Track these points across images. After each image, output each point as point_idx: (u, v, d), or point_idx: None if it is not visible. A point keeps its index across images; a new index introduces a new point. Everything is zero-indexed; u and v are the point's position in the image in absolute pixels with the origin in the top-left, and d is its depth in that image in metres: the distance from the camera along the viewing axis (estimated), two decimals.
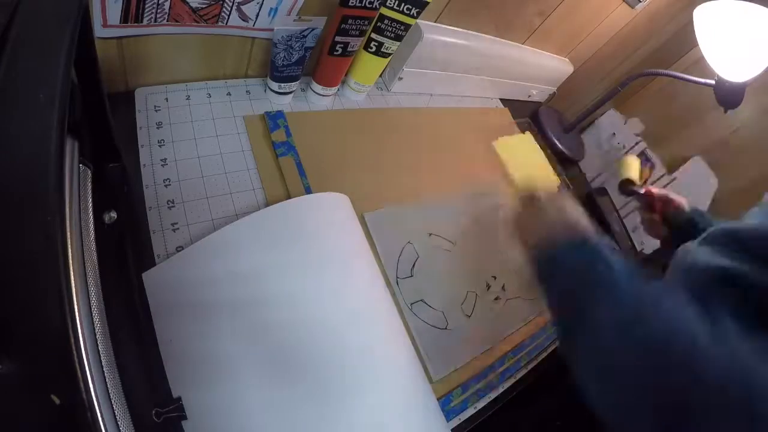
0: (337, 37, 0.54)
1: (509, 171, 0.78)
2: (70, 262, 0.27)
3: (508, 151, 0.81)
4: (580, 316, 0.36)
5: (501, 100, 0.92)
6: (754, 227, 0.37)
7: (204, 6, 0.45)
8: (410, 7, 0.56)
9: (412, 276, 0.55)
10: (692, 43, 0.73)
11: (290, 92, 0.60)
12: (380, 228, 0.56)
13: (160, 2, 0.42)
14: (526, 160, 0.84)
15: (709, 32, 0.67)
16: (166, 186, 0.48)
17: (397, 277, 0.54)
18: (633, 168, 0.73)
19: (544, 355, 0.61)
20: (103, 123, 0.38)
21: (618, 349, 0.32)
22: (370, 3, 0.52)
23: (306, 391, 0.40)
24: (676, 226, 0.63)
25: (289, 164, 0.55)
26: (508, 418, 0.54)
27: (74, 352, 0.20)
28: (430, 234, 0.60)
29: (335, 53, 0.56)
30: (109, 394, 0.30)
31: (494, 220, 0.66)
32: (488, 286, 0.61)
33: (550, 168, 0.87)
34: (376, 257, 0.53)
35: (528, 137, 0.89)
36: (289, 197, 0.51)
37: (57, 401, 0.19)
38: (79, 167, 0.35)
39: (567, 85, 1.00)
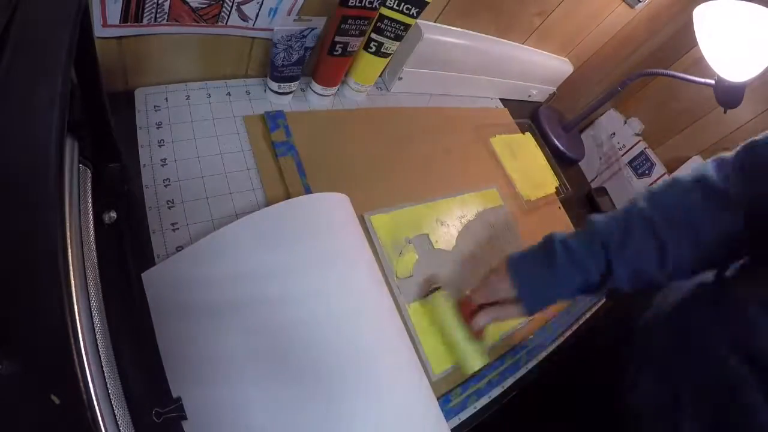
0: (336, 37, 0.54)
1: (507, 171, 0.78)
2: (70, 261, 0.28)
3: (506, 151, 0.81)
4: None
5: (501, 100, 0.92)
6: None
7: (204, 6, 0.45)
8: (410, 7, 0.56)
9: (412, 276, 0.55)
10: (692, 43, 0.73)
11: (290, 92, 0.60)
12: (380, 228, 0.56)
13: (159, 2, 0.42)
14: (525, 160, 0.84)
15: (709, 32, 0.67)
16: (165, 186, 0.48)
17: (397, 277, 0.54)
18: (445, 307, 0.52)
19: (544, 354, 0.61)
20: (103, 123, 0.38)
21: None
22: (369, 3, 0.52)
23: (305, 391, 0.40)
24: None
25: (288, 164, 0.55)
26: (508, 417, 0.54)
27: (74, 352, 0.20)
28: (431, 234, 0.60)
29: (335, 53, 0.56)
30: (109, 394, 0.30)
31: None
32: None
33: (549, 169, 0.87)
34: (376, 257, 0.53)
35: (528, 138, 0.89)
36: (288, 197, 0.51)
37: (57, 401, 0.19)
38: (79, 167, 0.35)
39: (567, 85, 1.00)
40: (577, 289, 0.47)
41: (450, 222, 0.63)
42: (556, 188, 0.85)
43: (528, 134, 0.89)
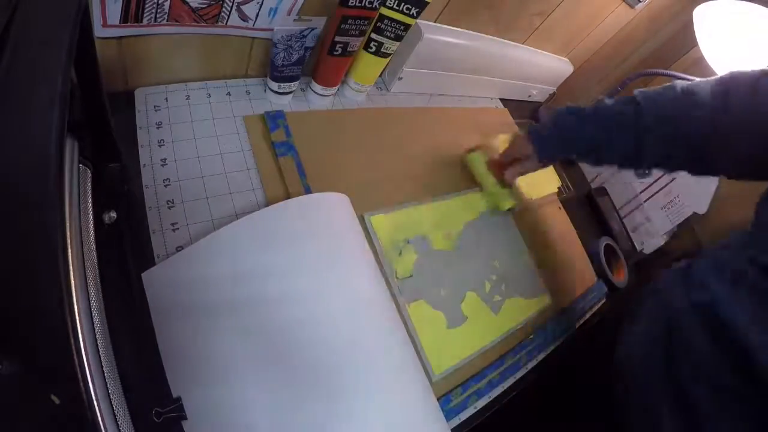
0: (336, 37, 0.54)
1: None
2: (70, 262, 0.28)
3: None
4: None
5: (501, 100, 0.92)
6: None
7: (204, 6, 0.45)
8: (410, 7, 0.55)
9: (411, 276, 0.55)
10: (692, 43, 0.73)
11: (290, 92, 0.60)
12: (380, 228, 0.56)
13: (159, 2, 0.42)
14: None
15: (709, 32, 0.67)
16: (165, 186, 0.48)
17: (397, 277, 0.54)
18: (480, 163, 0.69)
19: (544, 354, 0.61)
20: (103, 123, 0.38)
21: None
22: (370, 3, 0.52)
23: (305, 391, 0.40)
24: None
25: (288, 164, 0.55)
26: (508, 417, 0.54)
27: (74, 352, 0.20)
28: (430, 234, 0.60)
29: (335, 53, 0.56)
30: (109, 394, 0.30)
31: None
32: (488, 286, 0.61)
33: (552, 169, 0.87)
34: (376, 257, 0.53)
35: None
36: (289, 197, 0.51)
37: (57, 401, 0.19)
38: (79, 167, 0.35)
39: (567, 85, 0.99)
40: (577, 149, 0.59)
41: (450, 222, 0.63)
42: (558, 188, 0.85)
43: None
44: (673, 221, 0.93)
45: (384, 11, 0.56)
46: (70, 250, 0.28)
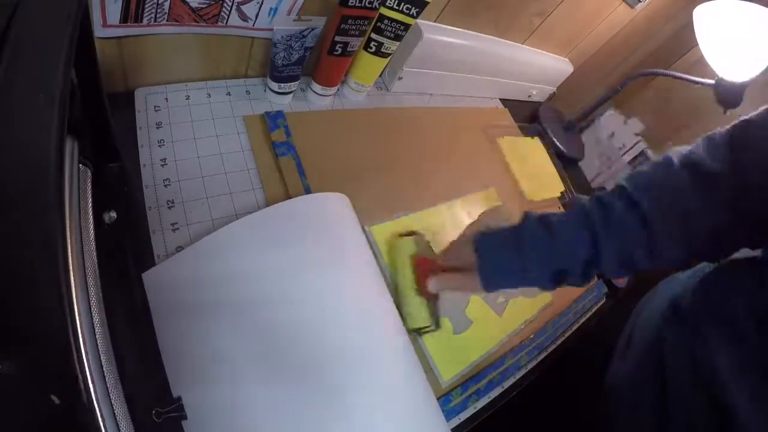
0: (336, 37, 0.54)
1: (514, 171, 0.78)
2: (70, 262, 0.28)
3: (514, 153, 0.81)
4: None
5: (501, 100, 0.92)
6: None
7: (204, 6, 0.45)
8: (410, 7, 0.55)
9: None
10: (692, 43, 0.73)
11: (290, 92, 0.60)
12: (380, 237, 0.56)
13: (159, 2, 0.42)
14: (533, 163, 0.84)
15: (709, 32, 0.67)
16: (165, 186, 0.48)
17: (399, 291, 0.53)
18: (403, 255, 0.52)
19: (545, 354, 0.61)
20: (103, 123, 0.38)
21: None
22: (369, 3, 0.52)
23: (305, 391, 0.40)
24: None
25: (288, 164, 0.55)
26: (508, 417, 0.54)
27: (74, 352, 0.20)
28: (431, 241, 0.60)
29: (335, 53, 0.56)
30: (109, 394, 0.30)
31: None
32: None
33: (557, 175, 0.87)
34: (376, 259, 0.53)
35: (536, 142, 0.89)
36: (288, 197, 0.51)
37: (57, 401, 0.19)
38: (79, 167, 0.35)
39: (567, 85, 1.00)
40: (550, 276, 0.41)
41: (449, 226, 0.63)
42: (561, 193, 0.85)
43: (536, 139, 0.89)
44: None
45: (384, 11, 0.56)
46: (70, 250, 0.28)
